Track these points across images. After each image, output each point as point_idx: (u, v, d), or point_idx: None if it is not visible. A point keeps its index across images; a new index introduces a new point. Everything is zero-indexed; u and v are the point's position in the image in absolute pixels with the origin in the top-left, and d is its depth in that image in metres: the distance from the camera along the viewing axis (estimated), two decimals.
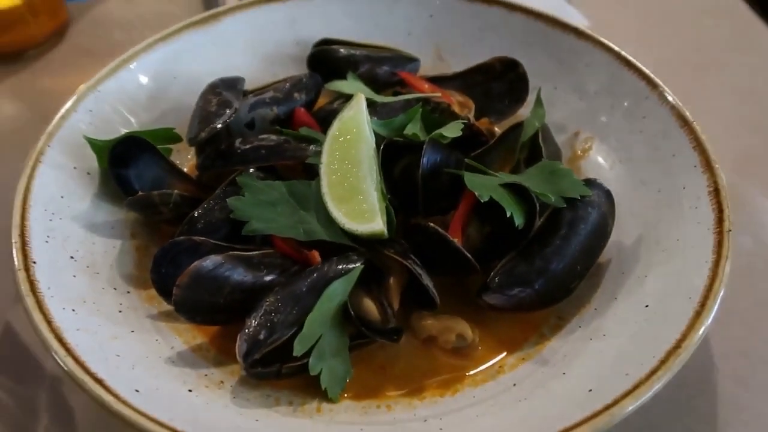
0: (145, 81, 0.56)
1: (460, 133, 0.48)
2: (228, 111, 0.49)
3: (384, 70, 0.59)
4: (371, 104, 0.51)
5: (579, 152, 0.55)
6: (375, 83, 0.58)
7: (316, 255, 0.44)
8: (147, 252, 0.48)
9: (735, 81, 0.69)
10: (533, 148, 0.50)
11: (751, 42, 0.74)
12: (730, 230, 0.41)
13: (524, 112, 0.56)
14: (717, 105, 0.66)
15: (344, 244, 0.44)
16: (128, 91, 0.54)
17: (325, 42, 0.60)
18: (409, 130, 0.49)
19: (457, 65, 0.60)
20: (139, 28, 0.74)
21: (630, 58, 0.54)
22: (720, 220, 0.42)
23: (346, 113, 0.48)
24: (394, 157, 0.48)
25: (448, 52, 0.62)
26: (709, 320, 0.37)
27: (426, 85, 0.57)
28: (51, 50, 0.71)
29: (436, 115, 0.52)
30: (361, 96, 0.48)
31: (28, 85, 0.67)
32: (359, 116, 0.47)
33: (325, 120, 0.52)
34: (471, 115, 0.56)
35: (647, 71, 0.53)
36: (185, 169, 0.53)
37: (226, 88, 0.52)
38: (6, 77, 0.68)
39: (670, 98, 0.50)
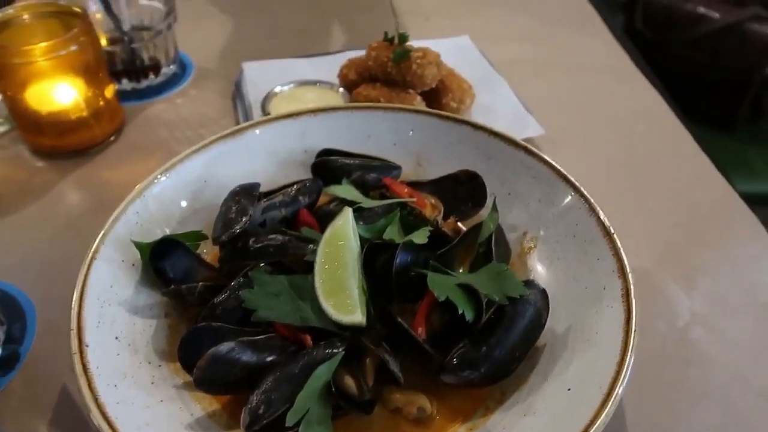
0: (181, 186, 0.60)
1: (426, 240, 0.52)
2: (244, 218, 0.53)
3: (372, 176, 0.63)
4: (359, 210, 0.56)
5: (526, 249, 0.59)
6: (364, 187, 0.62)
7: (308, 339, 0.48)
8: (177, 329, 0.52)
9: (661, 181, 0.73)
10: (488, 247, 0.54)
11: (676, 146, 0.78)
12: (635, 330, 0.45)
13: (485, 212, 0.60)
14: (645, 202, 0.70)
15: (331, 331, 0.48)
16: (167, 195, 0.59)
17: (327, 151, 0.65)
18: (388, 234, 0.53)
19: (432, 171, 0.65)
20: (181, 127, 0.80)
21: (566, 174, 0.58)
22: (628, 320, 0.46)
23: (337, 222, 0.52)
24: (376, 254, 0.53)
25: (425, 160, 0.67)
26: (613, 408, 0.41)
27: (405, 189, 0.62)
28: (109, 147, 0.77)
29: (411, 218, 0.57)
30: (348, 210, 0.53)
31: (91, 178, 0.72)
32: (347, 226, 0.52)
33: (323, 219, 0.57)
34: (440, 216, 0.61)
35: (579, 185, 0.57)
36: (209, 258, 0.58)
37: (244, 196, 0.57)
38: (72, 171, 0.73)
39: (596, 210, 0.54)
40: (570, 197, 0.57)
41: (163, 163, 0.75)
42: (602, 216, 0.54)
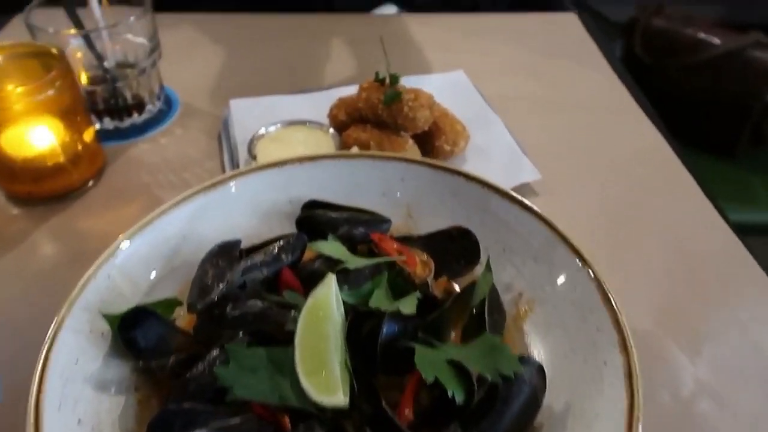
0: (158, 244, 0.57)
1: (415, 311, 0.48)
2: (221, 285, 0.50)
3: (359, 231, 0.60)
4: (344, 271, 0.53)
5: (521, 312, 0.55)
6: (352, 242, 0.59)
7: (286, 422, 0.44)
8: (148, 405, 0.49)
9: (662, 230, 0.69)
10: (481, 311, 0.51)
11: (678, 191, 0.75)
12: (640, 417, 0.41)
13: (479, 269, 0.57)
14: (645, 254, 0.67)
15: (312, 412, 0.44)
16: (142, 255, 0.56)
17: (312, 203, 0.62)
18: (374, 301, 0.50)
19: (423, 223, 0.62)
20: (163, 170, 0.76)
21: (564, 233, 0.55)
22: (631, 407, 0.42)
23: (319, 290, 0.49)
24: (361, 322, 0.49)
25: (416, 212, 0.64)
26: None
27: (395, 245, 0.58)
28: (88, 192, 0.73)
29: (400, 280, 0.53)
30: (331, 278, 0.49)
31: (67, 226, 0.69)
32: (329, 295, 0.48)
33: (307, 279, 0.54)
34: (431, 275, 0.57)
35: (578, 247, 0.53)
36: (185, 322, 0.55)
37: (223, 257, 0.54)
38: (48, 219, 0.70)
39: (596, 275, 0.51)
40: (568, 259, 0.54)
41: (144, 210, 0.71)
42: (603, 282, 0.50)
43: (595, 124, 0.85)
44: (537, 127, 0.84)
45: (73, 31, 0.76)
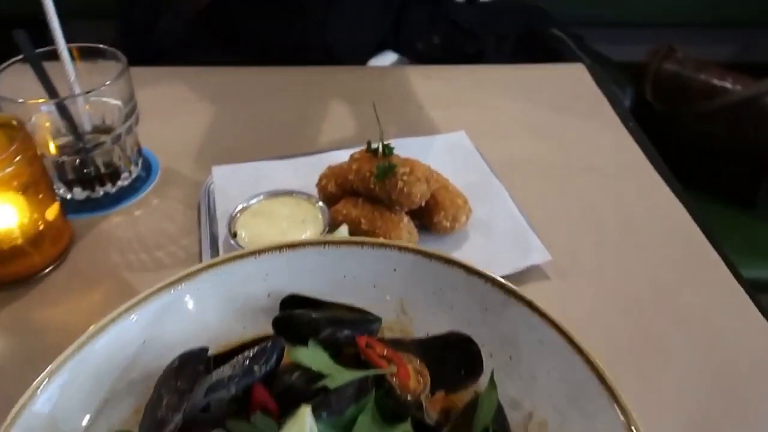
0: (114, 352, 0.49)
1: None
2: (176, 418, 0.43)
3: (344, 334, 0.52)
4: (324, 392, 0.45)
5: None
6: (336, 346, 0.51)
7: None
8: None
9: (690, 321, 0.62)
10: None
11: (705, 272, 0.67)
12: None
13: (482, 380, 0.50)
14: (672, 351, 0.59)
15: None
16: (95, 365, 0.48)
17: (292, 299, 0.55)
18: (358, 431, 0.42)
19: (418, 321, 0.55)
20: (135, 249, 0.70)
21: (583, 346, 0.47)
22: None
23: (292, 428, 0.41)
24: None
25: (411, 307, 0.56)
26: None
27: (385, 351, 0.51)
28: (51, 275, 0.66)
29: (389, 401, 0.46)
30: (305, 413, 0.42)
31: (25, 317, 0.62)
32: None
33: (283, 396, 0.46)
34: (426, 390, 0.49)
35: (601, 366, 0.46)
36: None
37: (183, 375, 0.46)
38: (3, 308, 0.63)
39: (622, 400, 0.43)
40: (586, 376, 0.46)
41: (109, 297, 0.65)
42: (629, 410, 0.42)
43: (608, 190, 0.78)
44: (544, 196, 0.77)
45: (42, 100, 0.70)
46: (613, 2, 1.77)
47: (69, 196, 0.75)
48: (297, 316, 0.53)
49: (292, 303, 0.55)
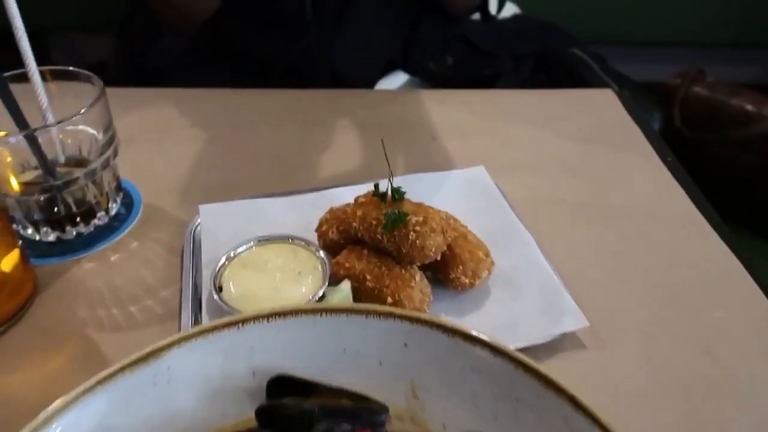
0: None
1: None
2: None
3: (344, 429, 0.43)
4: None
5: None
6: None
7: None
8: None
9: (757, 398, 0.52)
10: None
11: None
12: None
13: None
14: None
15: None
16: None
17: (281, 379, 0.45)
18: None
19: (433, 407, 0.45)
20: (106, 303, 0.60)
21: None
22: None
23: None
24: None
25: (423, 390, 0.46)
26: None
27: None
28: (7, 333, 0.57)
29: None
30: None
31: None
32: None
33: None
34: None
35: None
36: None
37: None
38: None
39: None
40: None
41: (71, 363, 0.56)
42: None
43: (648, 235, 0.69)
44: (575, 243, 0.67)
45: (3, 133, 0.62)
46: (634, 20, 1.69)
47: (37, 238, 0.67)
48: (286, 407, 0.44)
49: (281, 384, 0.46)
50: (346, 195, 0.69)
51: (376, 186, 0.58)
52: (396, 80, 1.22)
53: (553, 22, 1.39)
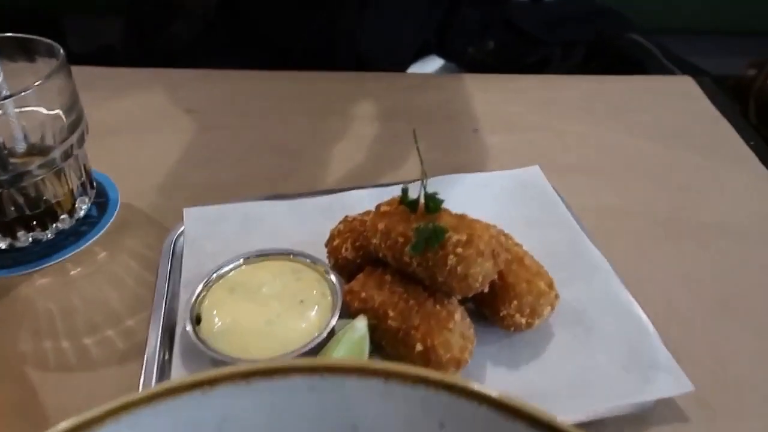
0: None
1: None
2: None
3: None
4: None
5: None
6: None
7: None
8: None
9: None
10: None
11: None
12: None
13: None
14: None
15: None
16: None
17: None
18: None
19: None
20: (57, 334, 0.47)
21: None
22: None
23: None
24: None
25: None
26: None
27: None
28: None
29: None
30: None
31: None
32: None
33: None
34: None
35: None
36: None
37: None
38: None
39: None
40: None
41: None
42: None
43: (753, 259, 0.53)
44: (660, 269, 0.52)
45: None
46: (700, 5, 1.50)
47: None
48: None
49: None
50: (366, 200, 0.55)
51: (405, 191, 0.44)
52: (430, 66, 1.08)
53: (607, 5, 1.23)
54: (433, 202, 0.43)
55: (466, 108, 0.74)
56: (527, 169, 0.60)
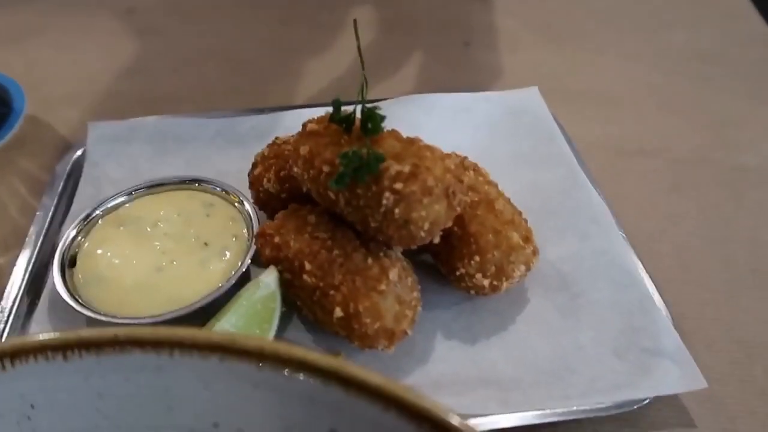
0: None
1: None
2: None
3: None
4: None
5: None
6: None
7: None
8: None
9: None
10: None
11: None
12: None
13: None
14: None
15: None
16: None
17: None
18: None
19: None
20: None
21: None
22: None
23: None
24: None
25: None
26: None
27: None
28: None
29: None
30: None
31: None
32: None
33: None
34: None
35: None
36: None
37: None
38: None
39: None
40: None
41: None
42: None
43: None
44: (680, 223, 0.41)
45: None
46: None
47: None
48: None
49: None
50: (302, 118, 0.44)
51: (336, 103, 0.32)
52: None
53: None
54: (372, 120, 0.31)
55: (456, 17, 0.60)
56: (522, 91, 0.48)
